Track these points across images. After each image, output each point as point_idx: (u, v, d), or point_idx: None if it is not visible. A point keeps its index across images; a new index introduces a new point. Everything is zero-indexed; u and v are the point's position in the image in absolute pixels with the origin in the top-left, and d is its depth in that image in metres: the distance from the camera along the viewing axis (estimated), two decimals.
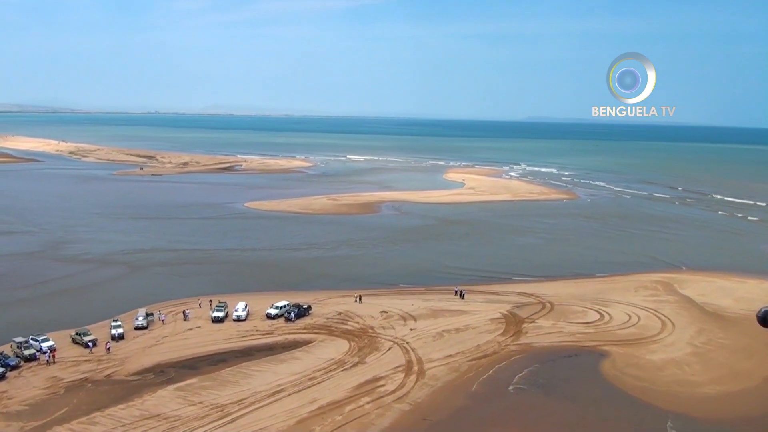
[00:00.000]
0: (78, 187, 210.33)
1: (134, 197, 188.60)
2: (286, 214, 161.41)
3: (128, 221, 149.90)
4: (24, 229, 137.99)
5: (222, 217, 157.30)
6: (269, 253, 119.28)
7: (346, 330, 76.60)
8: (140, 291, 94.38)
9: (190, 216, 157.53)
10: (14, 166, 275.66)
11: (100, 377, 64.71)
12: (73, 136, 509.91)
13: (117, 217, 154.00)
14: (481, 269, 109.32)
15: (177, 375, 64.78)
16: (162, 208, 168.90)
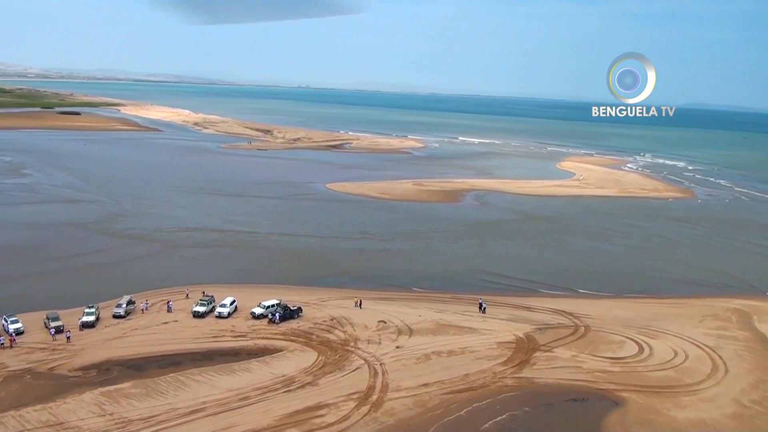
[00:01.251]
0: (178, 159, 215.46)
1: (225, 172, 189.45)
2: (362, 197, 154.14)
3: (202, 196, 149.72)
4: (95, 198, 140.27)
5: (295, 197, 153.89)
6: (315, 241, 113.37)
7: (326, 340, 67.81)
8: (156, 273, 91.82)
9: (265, 195, 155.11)
10: (134, 135, 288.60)
11: (43, 369, 60.77)
12: (209, 107, 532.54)
13: (194, 192, 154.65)
14: (531, 278, 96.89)
15: (117, 376, 59.59)
16: (244, 184, 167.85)
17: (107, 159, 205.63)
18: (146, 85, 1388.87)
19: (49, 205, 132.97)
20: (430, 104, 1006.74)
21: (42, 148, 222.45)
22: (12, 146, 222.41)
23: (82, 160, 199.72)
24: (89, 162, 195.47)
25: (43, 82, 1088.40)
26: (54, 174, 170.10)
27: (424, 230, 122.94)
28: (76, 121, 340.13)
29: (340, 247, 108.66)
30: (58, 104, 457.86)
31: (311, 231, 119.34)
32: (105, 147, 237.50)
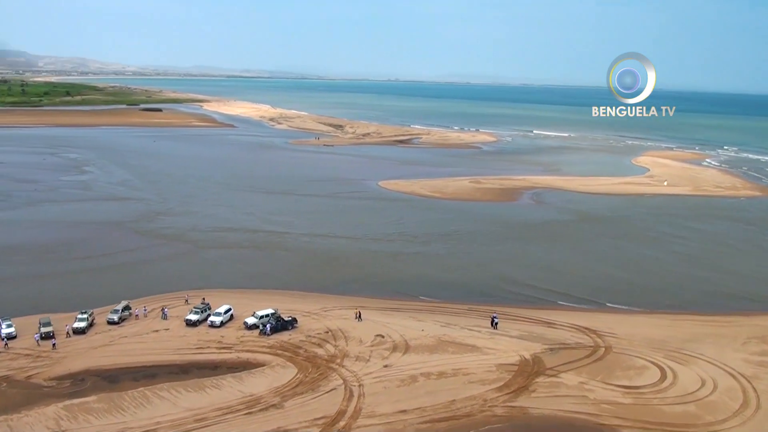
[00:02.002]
0: (241, 155, 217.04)
1: (282, 169, 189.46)
2: (412, 196, 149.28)
3: (250, 194, 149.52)
4: (143, 196, 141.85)
5: (344, 195, 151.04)
6: (347, 243, 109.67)
7: (313, 356, 63.74)
8: (171, 276, 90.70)
9: (314, 192, 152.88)
10: (208, 131, 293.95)
11: (21, 377, 60.02)
12: (291, 102, 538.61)
13: (244, 190, 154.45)
14: (562, 288, 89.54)
15: (89, 388, 58.05)
16: (297, 182, 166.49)
17: (171, 156, 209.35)
18: (238, 81, 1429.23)
19: (96, 203, 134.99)
20: (518, 96, 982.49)
21: (112, 145, 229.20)
22: (84, 143, 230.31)
23: (147, 156, 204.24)
24: (152, 159, 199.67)
25: (139, 80, 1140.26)
26: (113, 171, 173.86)
27: (465, 232, 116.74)
28: (156, 117, 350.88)
29: (370, 250, 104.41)
30: (144, 101, 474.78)
31: (347, 232, 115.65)
32: (173, 143, 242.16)
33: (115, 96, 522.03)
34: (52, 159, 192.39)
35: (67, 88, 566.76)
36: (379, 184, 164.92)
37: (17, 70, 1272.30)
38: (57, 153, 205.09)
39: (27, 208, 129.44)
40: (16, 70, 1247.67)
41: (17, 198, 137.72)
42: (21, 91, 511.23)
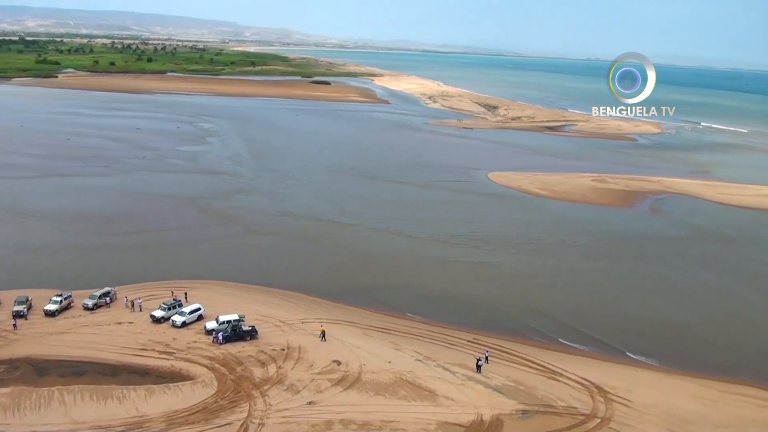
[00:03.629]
0: (371, 135, 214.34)
1: (401, 152, 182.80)
2: (516, 192, 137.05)
3: (346, 178, 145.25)
4: (240, 172, 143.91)
5: (443, 186, 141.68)
6: (403, 242, 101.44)
7: (247, 376, 57.41)
8: (194, 261, 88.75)
9: (414, 181, 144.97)
10: (359, 107, 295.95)
11: None
12: (465, 79, 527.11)
13: (345, 173, 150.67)
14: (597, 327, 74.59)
15: (14, 378, 57.17)
16: (403, 167, 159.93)
17: (300, 131, 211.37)
18: (430, 56, 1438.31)
19: (189, 175, 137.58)
20: (722, 82, 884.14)
21: (253, 117, 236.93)
22: (229, 113, 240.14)
23: (276, 131, 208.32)
24: (279, 133, 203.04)
25: (335, 52, 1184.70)
26: (232, 144, 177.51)
27: (550, 242, 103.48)
28: (318, 90, 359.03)
29: (424, 253, 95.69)
30: (321, 74, 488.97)
31: (414, 228, 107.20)
32: (313, 118, 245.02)
33: (296, 68, 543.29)
34: (185, 128, 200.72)
35: (254, 59, 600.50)
36: (488, 175, 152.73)
37: (223, 39, 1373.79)
38: (195, 122, 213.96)
39: (121, 175, 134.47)
40: (222, 40, 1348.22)
41: (121, 165, 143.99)
42: (210, 60, 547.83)
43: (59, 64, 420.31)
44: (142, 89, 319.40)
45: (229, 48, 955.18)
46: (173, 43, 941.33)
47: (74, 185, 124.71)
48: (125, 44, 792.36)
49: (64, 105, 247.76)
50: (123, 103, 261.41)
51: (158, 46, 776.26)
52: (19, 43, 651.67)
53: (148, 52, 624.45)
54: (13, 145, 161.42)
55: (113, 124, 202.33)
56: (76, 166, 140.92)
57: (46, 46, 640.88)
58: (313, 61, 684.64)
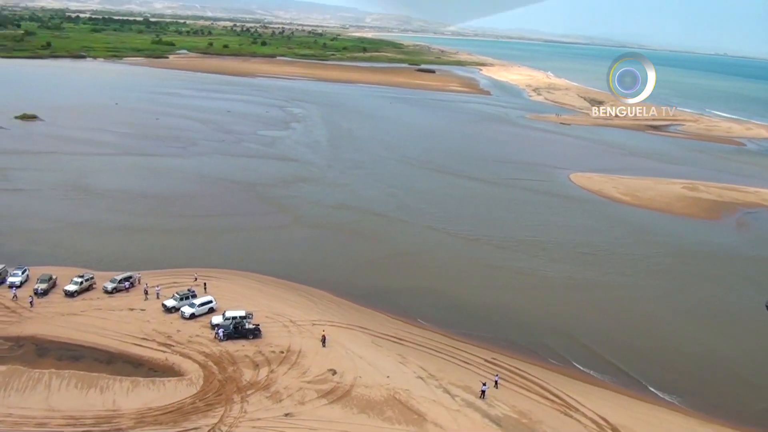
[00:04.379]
0: (460, 127, 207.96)
1: (487, 145, 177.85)
2: (595, 196, 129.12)
3: (418, 172, 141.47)
4: (310, 159, 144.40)
5: (517, 185, 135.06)
6: (457, 244, 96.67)
7: (236, 378, 55.55)
8: (232, 250, 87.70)
9: (488, 178, 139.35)
10: (457, 97, 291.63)
11: None
12: (577, 72, 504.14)
13: (418, 166, 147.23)
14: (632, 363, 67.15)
15: (15, 356, 57.84)
16: (483, 162, 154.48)
17: (388, 120, 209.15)
18: (549, 47, 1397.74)
19: (259, 161, 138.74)
20: None
21: (345, 104, 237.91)
22: (323, 99, 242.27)
23: (364, 119, 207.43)
24: (366, 122, 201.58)
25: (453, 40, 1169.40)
26: (314, 130, 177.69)
27: (614, 254, 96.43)
28: (422, 79, 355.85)
29: (469, 257, 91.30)
30: (430, 61, 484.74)
31: (472, 230, 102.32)
32: (405, 107, 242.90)
33: (406, 55, 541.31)
34: (274, 112, 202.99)
35: (367, 45, 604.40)
36: (570, 176, 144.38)
37: (344, 24, 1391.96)
38: (286, 107, 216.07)
39: (194, 157, 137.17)
40: (343, 25, 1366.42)
41: (197, 147, 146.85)
42: (323, 45, 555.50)
43: (174, 45, 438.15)
44: (246, 72, 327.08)
45: (347, 33, 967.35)
46: (292, 28, 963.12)
47: (145, 165, 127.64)
48: (245, 27, 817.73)
49: (165, 85, 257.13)
50: (223, 85, 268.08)
51: (276, 31, 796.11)
52: (141, 24, 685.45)
53: (265, 36, 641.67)
54: (103, 122, 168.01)
55: (206, 106, 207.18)
56: (155, 146, 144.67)
57: (167, 28, 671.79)
58: (425, 49, 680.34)
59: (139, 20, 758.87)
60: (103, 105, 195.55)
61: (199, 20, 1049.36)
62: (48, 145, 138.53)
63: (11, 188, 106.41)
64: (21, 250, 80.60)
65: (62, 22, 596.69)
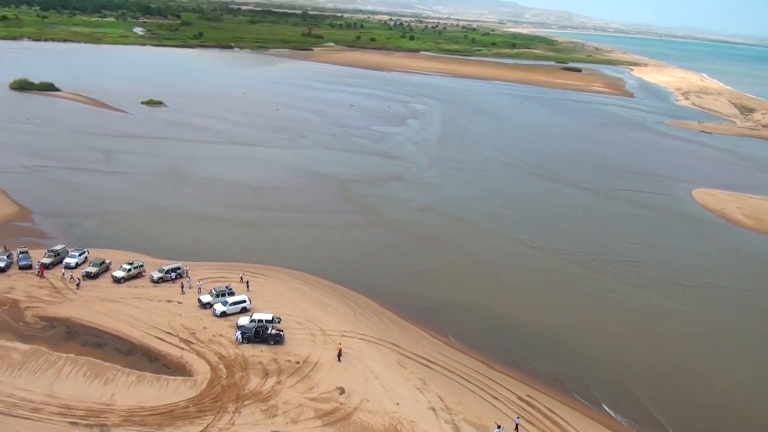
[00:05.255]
0: (587, 130, 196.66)
1: (609, 153, 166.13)
2: (716, 216, 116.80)
3: (520, 177, 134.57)
4: (414, 158, 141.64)
5: (630, 197, 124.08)
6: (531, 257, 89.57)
7: (240, 386, 53.96)
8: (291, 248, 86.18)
9: (596, 187, 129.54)
10: (596, 98, 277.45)
11: (23, 307, 64.20)
12: (735, 75, 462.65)
13: (525, 171, 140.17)
14: None
15: (45, 337, 59.35)
16: (599, 171, 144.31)
17: (511, 120, 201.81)
18: (715, 47, 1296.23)
19: (361, 156, 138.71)
20: None
21: (473, 100, 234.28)
22: (451, 97, 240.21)
23: (486, 117, 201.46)
24: (486, 120, 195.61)
25: (612, 38, 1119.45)
26: (428, 128, 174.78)
27: (715, 285, 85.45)
28: (564, 78, 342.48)
29: (543, 274, 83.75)
30: (579, 60, 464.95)
31: (555, 242, 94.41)
32: (537, 108, 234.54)
33: (556, 52, 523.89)
34: (396, 108, 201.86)
35: (518, 41, 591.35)
36: (692, 191, 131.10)
37: (501, 20, 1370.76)
38: (409, 102, 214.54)
39: (298, 150, 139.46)
40: (500, 20, 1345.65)
41: (305, 140, 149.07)
42: (472, 40, 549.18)
43: (322, 38, 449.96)
44: (384, 66, 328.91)
45: (502, 29, 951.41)
46: (447, 23, 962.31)
47: (247, 155, 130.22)
48: (399, 22, 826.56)
49: (299, 77, 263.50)
50: (356, 78, 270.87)
51: (430, 25, 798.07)
52: (298, 17, 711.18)
53: (416, 30, 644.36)
54: (224, 111, 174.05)
55: (331, 99, 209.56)
56: (264, 137, 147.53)
57: (322, 21, 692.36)
58: (579, 46, 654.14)
59: (298, 13, 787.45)
60: (231, 94, 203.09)
61: (358, 14, 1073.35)
62: (162, 130, 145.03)
63: (109, 171, 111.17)
64: (92, 232, 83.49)
65: (222, 14, 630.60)
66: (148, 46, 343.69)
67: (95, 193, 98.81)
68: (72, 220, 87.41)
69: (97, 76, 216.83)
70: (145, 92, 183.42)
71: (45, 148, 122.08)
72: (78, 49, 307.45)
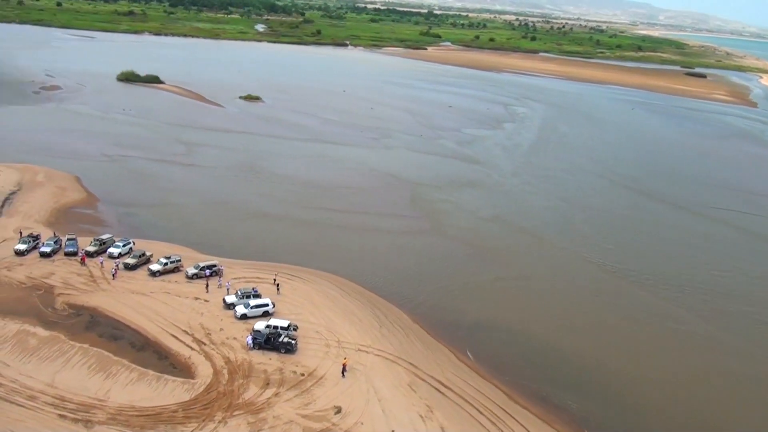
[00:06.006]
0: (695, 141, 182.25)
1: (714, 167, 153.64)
2: None
3: (610, 187, 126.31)
4: (498, 164, 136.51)
5: (729, 218, 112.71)
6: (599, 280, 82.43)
7: (235, 394, 52.68)
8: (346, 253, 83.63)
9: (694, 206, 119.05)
10: (717, 107, 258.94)
11: (56, 293, 65.37)
12: None
13: (613, 182, 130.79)
14: None
15: (69, 325, 60.12)
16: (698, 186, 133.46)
17: (615, 127, 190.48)
18: None
19: (442, 159, 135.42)
20: None
21: (579, 105, 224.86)
22: (556, 99, 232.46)
23: (588, 124, 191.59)
24: (588, 127, 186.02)
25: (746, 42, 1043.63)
26: (523, 133, 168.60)
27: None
28: (686, 84, 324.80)
29: (604, 297, 76.86)
30: (706, 65, 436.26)
31: (627, 265, 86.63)
32: (647, 115, 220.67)
33: (683, 56, 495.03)
34: (495, 110, 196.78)
35: (645, 43, 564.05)
36: None
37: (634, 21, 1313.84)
38: (511, 105, 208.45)
39: (379, 150, 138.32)
40: (633, 22, 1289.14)
41: (391, 140, 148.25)
42: (596, 42, 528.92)
43: (440, 37, 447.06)
44: (495, 67, 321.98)
45: (633, 31, 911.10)
46: (576, 23, 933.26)
47: (327, 153, 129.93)
48: (524, 22, 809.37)
49: (404, 75, 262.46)
50: (463, 78, 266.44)
51: (556, 26, 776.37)
52: (422, 16, 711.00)
53: (540, 31, 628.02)
54: (319, 108, 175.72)
55: (430, 99, 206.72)
56: (350, 136, 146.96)
57: (445, 20, 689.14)
58: (709, 51, 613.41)
59: (422, 12, 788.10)
60: (331, 91, 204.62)
61: (484, 13, 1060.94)
62: (251, 125, 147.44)
63: (187, 163, 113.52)
64: (149, 223, 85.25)
65: (347, 12, 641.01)
66: (264, 42, 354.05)
67: (165, 185, 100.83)
68: (133, 210, 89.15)
69: (206, 70, 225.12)
70: (247, 87, 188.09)
71: (131, 137, 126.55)
72: (194, 44, 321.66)
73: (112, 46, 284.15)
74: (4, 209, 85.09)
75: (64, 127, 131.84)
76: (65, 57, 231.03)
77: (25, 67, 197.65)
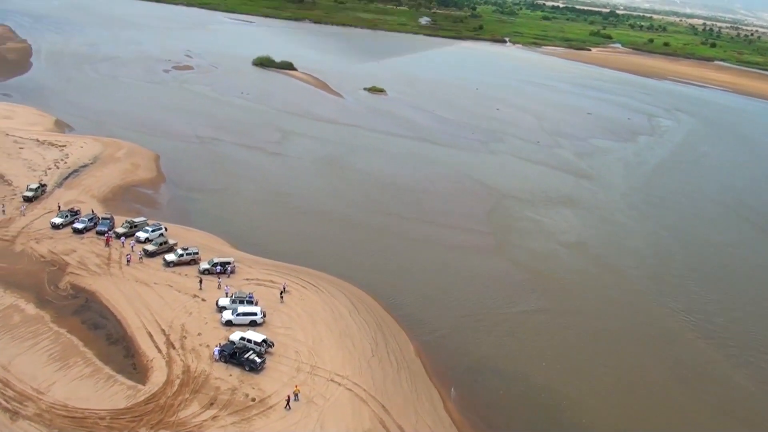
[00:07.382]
0: None
1: None
2: None
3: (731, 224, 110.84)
4: (605, 182, 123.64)
5: None
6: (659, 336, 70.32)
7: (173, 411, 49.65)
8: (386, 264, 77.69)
9: None
10: None
11: (69, 271, 65.54)
12: None
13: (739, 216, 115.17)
14: None
15: (62, 306, 59.77)
16: None
17: None
18: None
19: (547, 170, 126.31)
20: None
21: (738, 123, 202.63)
22: (712, 114, 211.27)
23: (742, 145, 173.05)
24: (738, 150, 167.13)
25: None
26: (657, 149, 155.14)
27: None
28: None
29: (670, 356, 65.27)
30: None
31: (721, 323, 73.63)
32: None
33: None
34: (637, 120, 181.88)
35: None
36: None
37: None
38: (656, 116, 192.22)
39: (483, 155, 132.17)
40: None
41: (500, 144, 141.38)
42: None
43: (610, 38, 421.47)
44: (656, 73, 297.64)
45: None
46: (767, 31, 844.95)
47: (424, 153, 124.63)
48: (710, 27, 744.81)
49: (551, 77, 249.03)
50: (615, 84, 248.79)
51: (743, 33, 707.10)
52: (599, 15, 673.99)
53: (724, 37, 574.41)
54: (438, 104, 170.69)
55: (568, 104, 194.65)
56: (457, 136, 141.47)
57: (623, 21, 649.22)
58: None
59: (602, 11, 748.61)
60: (463, 88, 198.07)
61: (671, 16, 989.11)
62: (360, 118, 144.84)
63: (273, 151, 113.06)
64: (198, 209, 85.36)
65: (521, 9, 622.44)
66: (420, 35, 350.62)
67: (239, 171, 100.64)
68: (191, 194, 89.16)
69: (345, 59, 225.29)
70: (377, 79, 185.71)
71: (232, 121, 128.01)
72: (350, 33, 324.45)
73: (267, 31, 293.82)
74: (67, 181, 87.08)
75: (175, 105, 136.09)
76: (213, 39, 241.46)
77: (170, 47, 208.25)
